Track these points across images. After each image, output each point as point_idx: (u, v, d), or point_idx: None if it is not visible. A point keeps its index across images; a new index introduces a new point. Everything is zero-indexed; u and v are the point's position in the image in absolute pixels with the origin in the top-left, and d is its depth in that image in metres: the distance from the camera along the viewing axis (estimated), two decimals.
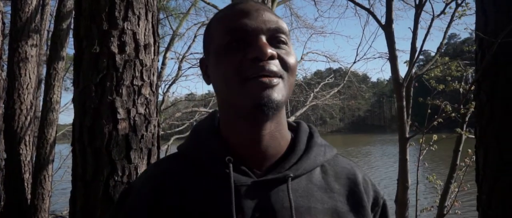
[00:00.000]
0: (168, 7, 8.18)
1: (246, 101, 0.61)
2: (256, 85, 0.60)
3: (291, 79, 0.66)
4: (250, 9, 0.66)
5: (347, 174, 0.73)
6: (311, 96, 8.06)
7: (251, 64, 0.61)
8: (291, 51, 0.67)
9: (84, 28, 1.51)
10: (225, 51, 0.64)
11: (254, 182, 0.65)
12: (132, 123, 1.51)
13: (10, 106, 4.76)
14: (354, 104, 14.69)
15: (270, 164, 0.68)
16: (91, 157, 1.46)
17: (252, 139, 0.66)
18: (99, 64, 1.47)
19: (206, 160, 0.67)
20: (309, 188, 0.67)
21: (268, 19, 0.65)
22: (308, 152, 0.71)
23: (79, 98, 1.50)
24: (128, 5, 1.53)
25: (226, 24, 0.65)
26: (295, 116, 7.24)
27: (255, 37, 0.63)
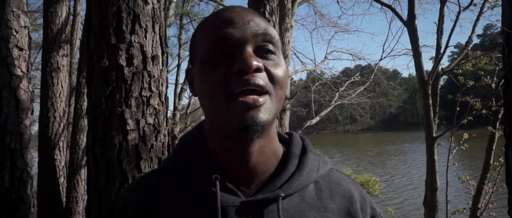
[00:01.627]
0: (191, 12, 8.32)
1: (231, 122, 0.58)
2: (241, 105, 0.57)
3: (280, 92, 0.63)
4: (235, 17, 0.62)
5: (342, 192, 0.70)
6: (336, 95, 7.93)
7: (236, 77, 0.58)
8: (279, 62, 0.63)
9: (94, 43, 1.57)
10: (210, 63, 0.60)
11: (242, 203, 0.62)
12: (142, 133, 1.55)
13: (45, 114, 5.01)
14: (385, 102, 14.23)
15: (260, 181, 0.65)
16: (103, 167, 1.51)
17: (240, 156, 0.63)
18: (108, 77, 1.52)
19: (192, 178, 0.65)
20: (301, 208, 0.64)
21: (254, 27, 0.61)
22: (301, 168, 0.67)
23: (91, 110, 1.56)
24: (135, 18, 1.57)
25: (210, 34, 0.62)
26: (320, 116, 7.14)
27: (240, 48, 0.59)
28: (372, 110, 77.72)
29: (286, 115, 5.64)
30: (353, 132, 77.38)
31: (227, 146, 0.64)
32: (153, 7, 1.63)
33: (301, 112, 10.64)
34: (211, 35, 0.61)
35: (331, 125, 77.72)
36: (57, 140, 5.17)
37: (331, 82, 10.27)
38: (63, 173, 5.29)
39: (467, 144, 4.25)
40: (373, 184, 9.12)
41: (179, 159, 0.68)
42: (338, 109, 12.57)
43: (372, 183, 9.22)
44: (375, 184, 9.32)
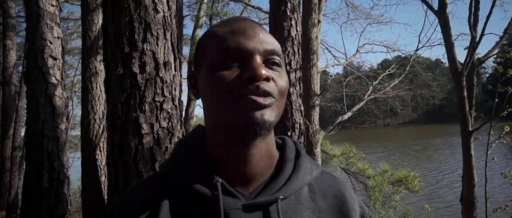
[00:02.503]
0: (221, 11, 8.44)
1: (239, 119, 0.61)
2: (250, 103, 0.60)
3: (282, 101, 0.66)
4: (247, 28, 0.66)
5: (334, 193, 0.73)
6: (370, 89, 7.71)
7: (246, 84, 0.61)
8: (283, 74, 0.67)
9: (111, 52, 1.66)
10: (220, 69, 0.63)
11: (244, 205, 0.64)
12: (156, 137, 1.63)
13: (86, 117, 5.31)
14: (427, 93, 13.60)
15: (259, 184, 0.68)
16: (121, 169, 1.61)
17: (241, 158, 0.66)
18: (123, 85, 1.61)
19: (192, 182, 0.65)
20: (298, 209, 0.67)
21: (264, 40, 0.65)
22: (297, 171, 0.70)
23: (109, 116, 1.66)
24: (146, 27, 1.64)
25: (221, 41, 0.65)
26: (352, 111, 6.99)
27: (250, 57, 0.63)
28: (414, 102, 74.44)
29: (315, 111, 5.59)
30: (394, 125, 74.61)
31: (229, 147, 0.66)
32: (164, 15, 1.70)
33: (335, 107, 10.46)
34: (222, 43, 0.65)
35: (370, 119, 75.52)
36: (98, 140, 5.46)
37: (366, 75, 9.99)
38: (104, 172, 5.58)
39: (508, 137, 4.00)
40: (412, 180, 8.77)
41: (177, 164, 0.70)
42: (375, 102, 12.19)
43: (411, 179, 8.87)
44: (415, 179, 8.96)
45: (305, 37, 5.52)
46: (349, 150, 8.98)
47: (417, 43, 7.50)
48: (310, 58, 5.49)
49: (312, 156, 5.40)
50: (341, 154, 8.65)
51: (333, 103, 10.99)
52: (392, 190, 8.67)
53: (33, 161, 2.43)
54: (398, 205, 8.26)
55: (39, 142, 2.37)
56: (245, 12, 9.16)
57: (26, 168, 2.47)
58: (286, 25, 3.53)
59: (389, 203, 8.23)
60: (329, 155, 8.49)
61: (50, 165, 2.39)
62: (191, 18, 10.58)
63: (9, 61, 9.31)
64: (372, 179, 8.67)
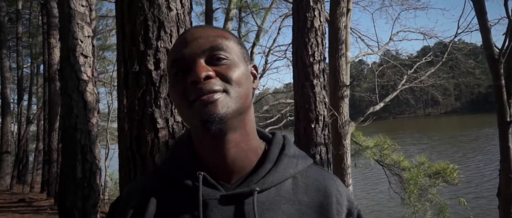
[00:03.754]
0: (250, 4, 8.45)
1: (195, 121, 0.67)
2: (199, 104, 0.66)
3: (239, 89, 0.69)
4: (187, 36, 0.72)
5: (318, 186, 0.74)
6: (404, 78, 7.43)
7: (192, 87, 0.67)
8: (233, 64, 0.70)
9: (128, 50, 1.74)
10: (174, 81, 0.71)
11: (222, 196, 0.68)
12: (171, 131, 1.70)
13: (121, 110, 5.56)
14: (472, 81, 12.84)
15: (240, 177, 0.72)
16: (139, 162, 1.69)
17: (217, 152, 0.70)
18: (139, 81, 1.69)
19: (178, 174, 0.72)
20: (277, 201, 0.70)
21: (203, 42, 0.70)
22: (277, 165, 0.73)
23: (127, 112, 1.74)
24: (160, 25, 1.70)
25: (171, 56, 0.72)
26: (384, 102, 6.79)
27: (192, 63, 0.68)
28: (457, 90, 70.52)
29: (344, 102, 5.50)
30: (435, 115, 71.25)
31: (205, 144, 0.71)
32: (177, 12, 1.75)
33: (369, 97, 10.19)
34: (172, 57, 0.72)
35: (409, 109, 72.61)
36: None
37: (404, 64, 9.62)
38: None
39: None
40: (450, 172, 8.39)
41: (168, 159, 0.78)
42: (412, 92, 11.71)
43: (450, 171, 8.49)
44: (454, 172, 8.57)
45: (333, 26, 5.42)
46: (383, 141, 8.74)
47: (456, 28, 7.12)
48: (339, 48, 5.39)
49: (341, 148, 5.33)
50: (375, 146, 8.42)
51: (367, 94, 10.70)
52: (429, 182, 8.35)
53: (67, 153, 2.61)
54: (435, 198, 7.95)
55: (73, 135, 2.54)
56: (275, 3, 9.10)
57: (62, 159, 2.67)
58: (309, 16, 3.49)
59: (426, 196, 7.94)
60: (362, 146, 8.30)
61: (83, 157, 2.56)
62: (222, 11, 10.67)
63: (54, 58, 9.89)
64: (408, 171, 8.39)
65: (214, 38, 0.71)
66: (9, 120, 15.58)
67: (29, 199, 10.58)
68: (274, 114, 9.51)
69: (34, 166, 14.41)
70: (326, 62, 3.99)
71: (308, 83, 3.41)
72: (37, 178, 13.74)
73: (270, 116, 9.52)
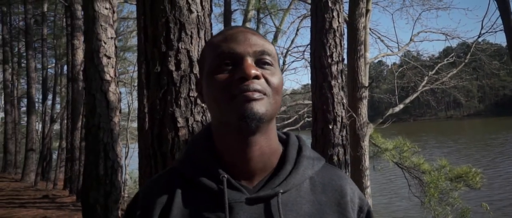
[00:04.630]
0: (268, 5, 8.48)
1: (233, 115, 0.68)
2: (241, 99, 0.67)
3: (276, 97, 0.71)
4: (238, 34, 0.73)
5: (334, 186, 0.77)
6: (425, 80, 7.30)
7: (238, 83, 0.68)
8: (276, 72, 0.73)
9: (150, 52, 1.79)
10: (216, 72, 0.71)
11: (247, 199, 0.69)
12: (191, 130, 1.74)
13: (142, 110, 5.67)
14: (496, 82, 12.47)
15: (262, 178, 0.73)
16: (160, 160, 1.74)
17: (242, 153, 0.71)
18: (161, 81, 1.74)
19: (201, 177, 0.72)
20: (298, 201, 0.72)
21: (254, 43, 0.71)
22: (297, 166, 0.75)
23: (149, 111, 1.80)
24: (181, 27, 1.75)
25: (217, 49, 0.72)
26: (404, 103, 6.68)
27: (241, 60, 0.70)
28: (481, 92, 68.40)
29: (363, 103, 5.45)
30: (458, 117, 69.27)
31: (231, 144, 0.72)
32: (197, 15, 1.80)
33: (389, 99, 10.04)
34: (217, 50, 0.72)
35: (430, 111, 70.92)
36: None
37: (425, 65, 9.44)
38: None
39: None
40: (473, 177, 8.17)
41: (188, 159, 0.77)
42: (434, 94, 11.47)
43: (472, 175, 8.27)
44: (476, 176, 8.34)
45: (351, 27, 5.38)
46: (402, 144, 8.59)
47: (480, 29, 6.95)
48: (357, 49, 5.35)
49: (359, 150, 5.28)
50: (394, 148, 8.29)
51: (387, 95, 10.55)
52: (451, 186, 8.15)
53: (91, 151, 2.71)
54: (456, 202, 7.75)
55: (96, 133, 2.63)
56: (293, 4, 9.10)
57: (85, 157, 2.77)
58: (327, 17, 3.49)
59: (446, 200, 7.76)
60: (381, 149, 8.19)
61: (105, 155, 2.65)
62: (241, 12, 10.74)
63: (77, 59, 10.17)
64: (428, 175, 8.22)
65: (263, 42, 0.73)
66: (34, 119, 16.13)
67: (52, 195, 10.92)
68: (292, 115, 9.51)
69: (57, 164, 14.84)
70: (345, 63, 3.96)
71: (326, 84, 3.41)
72: (60, 175, 14.15)
73: (287, 116, 9.53)
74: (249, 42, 0.71)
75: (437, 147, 23.88)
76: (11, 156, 18.18)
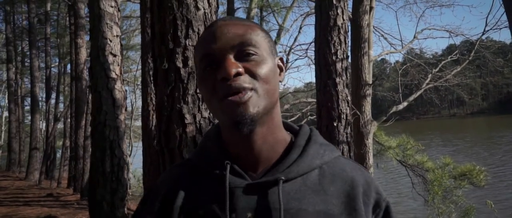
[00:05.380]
0: (271, 3, 8.48)
1: (225, 118, 0.70)
2: (229, 104, 0.67)
3: (267, 86, 0.70)
4: (215, 31, 0.71)
5: (344, 177, 0.75)
6: (428, 77, 7.28)
7: (222, 84, 0.68)
8: (262, 60, 0.71)
9: (157, 49, 1.81)
10: (203, 76, 0.72)
11: (248, 184, 0.71)
12: (198, 126, 1.75)
13: (145, 108, 5.70)
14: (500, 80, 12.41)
15: (266, 167, 0.74)
16: (167, 156, 1.76)
17: (245, 145, 0.73)
18: (168, 78, 1.75)
19: (208, 165, 0.76)
20: (302, 190, 0.71)
21: (232, 37, 0.70)
22: (303, 155, 0.74)
23: (157, 108, 1.81)
24: (188, 24, 1.76)
25: (200, 50, 0.73)
26: (408, 101, 6.67)
27: (222, 58, 0.69)
28: (484, 90, 68.05)
29: (366, 101, 5.45)
30: (461, 116, 68.92)
31: (233, 137, 0.74)
32: (204, 12, 1.80)
33: (392, 97, 10.02)
34: (199, 52, 0.73)
35: (433, 109, 70.63)
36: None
37: (428, 63, 9.40)
38: None
39: None
40: (477, 174, 8.15)
41: (198, 150, 0.81)
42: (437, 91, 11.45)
43: (476, 173, 8.24)
44: (480, 174, 8.31)
45: (355, 25, 5.38)
46: (406, 142, 8.57)
47: (484, 26, 6.93)
48: (361, 46, 5.34)
49: (363, 147, 5.28)
50: (397, 146, 8.28)
51: (389, 93, 10.53)
52: (455, 184, 8.14)
53: (97, 148, 2.73)
54: (460, 201, 7.74)
55: (102, 131, 2.64)
56: (296, 2, 9.09)
57: (92, 154, 2.78)
58: (332, 14, 3.49)
59: (450, 198, 7.74)
60: (384, 147, 8.18)
61: (111, 152, 2.66)
62: (243, 11, 10.74)
63: (80, 58, 10.22)
64: (432, 173, 8.21)
65: (243, 32, 0.71)
66: (38, 117, 16.20)
67: (56, 194, 10.98)
68: (295, 113, 9.50)
69: (61, 162, 14.91)
70: (349, 61, 3.97)
71: (331, 81, 3.41)
72: (64, 174, 14.22)
73: (290, 114, 9.52)
74: (226, 37, 0.70)
75: (443, 145, 23.71)
76: (15, 155, 18.28)
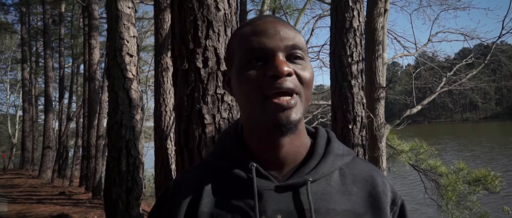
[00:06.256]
0: (284, 5, 8.47)
1: (267, 119, 0.67)
2: (276, 106, 0.65)
3: (307, 92, 0.70)
4: (268, 27, 0.70)
5: (365, 177, 0.75)
6: (443, 81, 7.18)
7: (270, 81, 0.66)
8: (307, 66, 0.70)
9: (177, 49, 1.81)
10: (246, 69, 0.68)
11: (276, 186, 0.70)
12: (217, 126, 1.75)
13: (158, 109, 5.74)
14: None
15: (290, 168, 0.74)
16: (187, 156, 1.76)
17: (273, 147, 0.71)
18: (188, 79, 1.76)
19: (231, 167, 0.73)
20: (328, 191, 0.72)
21: (285, 37, 0.68)
22: (326, 156, 0.74)
23: (176, 108, 1.82)
24: (208, 25, 1.76)
25: (246, 43, 0.70)
26: (422, 104, 6.59)
27: (273, 55, 0.67)
28: (498, 94, 66.86)
29: (380, 104, 5.39)
30: (474, 120, 67.80)
31: (261, 139, 0.72)
32: (224, 12, 1.81)
33: (404, 100, 9.91)
34: (247, 44, 0.69)
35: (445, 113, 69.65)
36: (168, 131, 5.85)
37: (441, 66, 9.28)
38: (174, 160, 5.97)
39: None
40: (492, 180, 8.01)
41: (219, 152, 0.78)
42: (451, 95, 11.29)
43: (491, 179, 8.10)
44: (495, 179, 8.17)
45: (369, 27, 5.33)
46: (419, 146, 8.47)
47: (501, 29, 6.80)
48: (375, 49, 5.29)
49: (376, 150, 5.23)
50: (410, 150, 8.19)
51: (401, 97, 10.42)
52: (469, 189, 8.00)
53: (113, 148, 2.75)
54: (475, 206, 7.61)
55: (118, 130, 2.66)
56: (309, 4, 9.07)
57: (108, 154, 2.80)
58: (348, 16, 3.46)
59: (464, 204, 7.61)
60: (397, 150, 8.09)
61: (127, 152, 2.68)
62: (255, 13, 10.76)
63: (94, 59, 10.35)
64: (445, 177, 8.09)
65: (294, 35, 0.70)
66: (51, 117, 16.46)
67: (69, 192, 11.12)
68: (306, 115, 9.47)
69: (73, 161, 15.11)
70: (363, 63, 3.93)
71: (346, 83, 3.39)
72: (76, 173, 14.41)
73: None
74: (280, 36, 0.68)
75: (460, 150, 23.24)
76: (29, 153, 18.58)
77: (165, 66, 5.80)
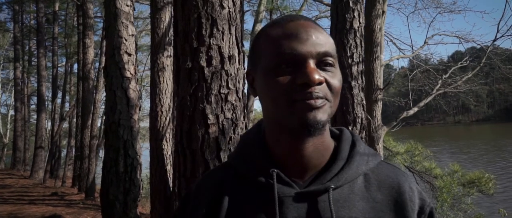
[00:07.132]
0: (280, 6, 8.46)
1: (293, 120, 0.65)
2: (304, 106, 0.64)
3: (336, 100, 0.69)
4: (300, 31, 0.67)
5: (390, 183, 0.72)
6: (438, 83, 7.21)
7: (300, 88, 0.64)
8: (337, 73, 0.69)
9: (180, 47, 1.77)
10: (275, 73, 0.66)
11: (297, 193, 0.68)
12: (221, 127, 1.71)
13: (154, 109, 5.68)
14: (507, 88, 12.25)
15: (313, 174, 0.71)
16: (189, 157, 1.72)
17: (296, 151, 0.70)
18: (191, 77, 1.72)
19: (252, 171, 0.72)
20: (351, 198, 0.69)
21: (317, 42, 0.66)
22: (350, 162, 0.72)
23: (178, 107, 1.78)
24: (213, 23, 1.73)
25: (276, 46, 0.67)
26: (419, 106, 6.61)
27: (303, 62, 0.65)
28: (490, 97, 67.65)
29: (378, 105, 5.39)
30: (466, 123, 68.47)
31: (284, 142, 0.70)
32: (229, 11, 1.77)
33: (399, 102, 9.95)
34: (277, 47, 0.67)
35: (438, 115, 70.28)
36: (164, 131, 5.78)
37: (435, 69, 9.34)
38: (169, 161, 5.91)
39: None
40: (486, 182, 8.07)
41: (240, 155, 0.77)
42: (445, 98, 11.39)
43: (485, 181, 8.17)
44: (489, 182, 8.24)
45: (368, 29, 5.34)
46: (414, 148, 8.52)
47: (496, 32, 6.86)
48: (373, 51, 5.30)
49: None
50: (405, 152, 8.22)
51: (396, 98, 10.46)
52: (463, 191, 8.06)
53: (111, 148, 2.70)
54: (469, 208, 7.65)
55: (116, 130, 2.61)
56: (305, 5, 9.07)
57: (105, 154, 2.76)
58: (348, 17, 3.45)
59: (458, 206, 7.66)
60: (392, 152, 8.12)
61: (125, 152, 2.63)
62: (251, 13, 10.74)
63: (88, 58, 10.23)
64: (440, 179, 8.14)
65: (326, 40, 0.68)
66: (44, 117, 16.25)
67: (61, 193, 10.97)
68: None
69: (65, 162, 14.94)
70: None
71: (346, 85, 3.37)
72: (68, 173, 14.24)
73: None
74: (312, 41, 0.66)
75: (455, 153, 23.40)
76: (20, 153, 18.34)
77: (161, 66, 5.74)
